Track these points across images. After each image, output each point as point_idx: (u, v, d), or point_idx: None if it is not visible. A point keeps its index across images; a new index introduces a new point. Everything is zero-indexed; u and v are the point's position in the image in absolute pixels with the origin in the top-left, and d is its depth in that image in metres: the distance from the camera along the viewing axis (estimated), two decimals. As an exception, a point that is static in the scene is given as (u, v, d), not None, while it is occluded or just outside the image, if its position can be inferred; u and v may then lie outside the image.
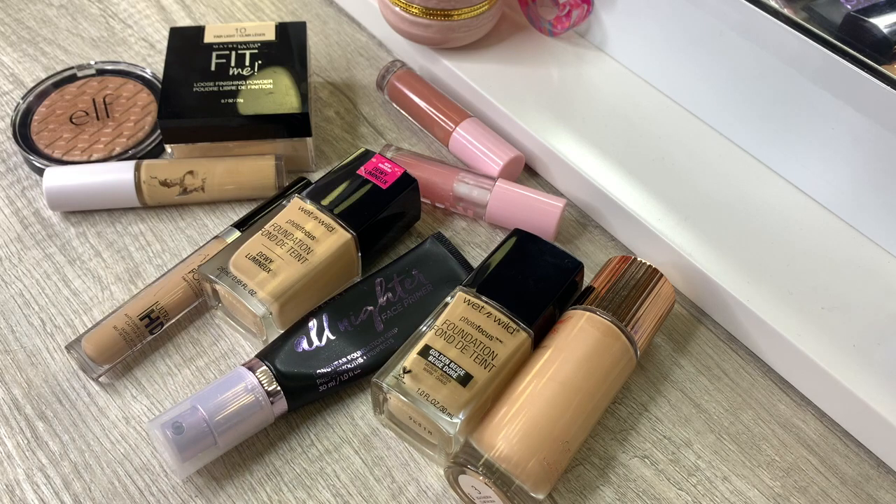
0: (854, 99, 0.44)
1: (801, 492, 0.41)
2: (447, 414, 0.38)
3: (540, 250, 0.44)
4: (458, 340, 0.40)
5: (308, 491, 0.41)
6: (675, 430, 0.43)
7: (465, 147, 0.53)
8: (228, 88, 0.51)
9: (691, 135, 0.54)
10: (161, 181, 0.49)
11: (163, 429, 0.38)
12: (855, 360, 0.43)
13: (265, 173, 0.51)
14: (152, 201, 0.50)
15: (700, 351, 0.47)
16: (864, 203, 0.48)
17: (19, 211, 0.51)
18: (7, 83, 0.58)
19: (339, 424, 0.43)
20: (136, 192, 0.50)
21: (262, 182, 0.51)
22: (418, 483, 0.41)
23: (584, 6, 0.57)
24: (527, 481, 0.37)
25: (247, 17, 0.65)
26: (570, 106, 0.55)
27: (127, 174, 0.49)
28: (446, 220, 0.52)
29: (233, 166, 0.51)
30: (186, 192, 0.50)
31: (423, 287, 0.46)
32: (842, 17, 0.47)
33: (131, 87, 0.57)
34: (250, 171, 0.51)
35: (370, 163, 0.48)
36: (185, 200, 0.51)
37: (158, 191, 0.50)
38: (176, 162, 0.51)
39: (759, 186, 0.51)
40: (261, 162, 0.51)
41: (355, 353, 0.43)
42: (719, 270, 0.46)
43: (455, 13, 0.54)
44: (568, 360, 0.40)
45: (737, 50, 0.49)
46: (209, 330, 0.46)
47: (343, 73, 0.61)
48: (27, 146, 0.53)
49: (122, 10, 0.64)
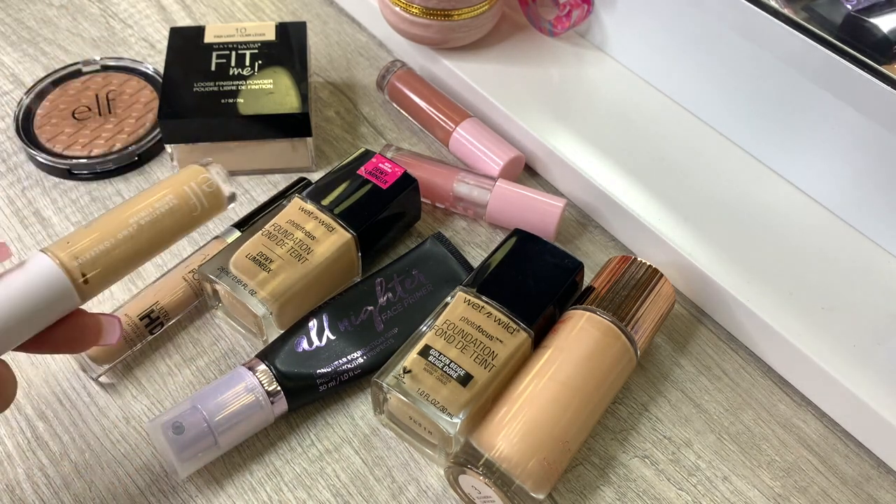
0: (854, 99, 0.44)
1: (801, 492, 0.42)
2: (447, 414, 0.38)
3: (540, 250, 0.44)
4: (459, 340, 0.40)
5: (308, 491, 0.41)
6: (676, 430, 0.43)
7: (465, 147, 0.53)
8: (228, 88, 0.51)
9: (691, 135, 0.54)
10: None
11: (163, 429, 0.38)
12: (855, 360, 0.43)
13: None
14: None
15: (700, 351, 0.47)
16: (865, 203, 0.48)
17: (19, 211, 0.51)
18: (7, 83, 0.58)
19: (339, 424, 0.43)
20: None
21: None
22: (418, 483, 0.41)
23: (585, 6, 0.57)
24: (527, 481, 0.37)
25: (247, 17, 0.65)
26: (570, 106, 0.55)
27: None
28: (446, 220, 0.52)
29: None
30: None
31: (423, 287, 0.46)
32: (842, 17, 0.47)
33: (135, 84, 0.57)
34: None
35: (370, 163, 0.48)
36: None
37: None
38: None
39: (759, 186, 0.51)
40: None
41: (355, 353, 0.43)
42: (719, 270, 0.46)
43: (455, 13, 0.54)
44: (568, 360, 0.40)
45: (737, 50, 0.49)
46: (209, 330, 0.46)
47: (343, 73, 0.61)
48: (30, 141, 0.53)
49: (123, 10, 0.64)
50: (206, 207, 0.38)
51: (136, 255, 0.36)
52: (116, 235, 0.35)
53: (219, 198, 0.39)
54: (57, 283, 0.33)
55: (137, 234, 0.36)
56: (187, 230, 0.38)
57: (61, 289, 0.33)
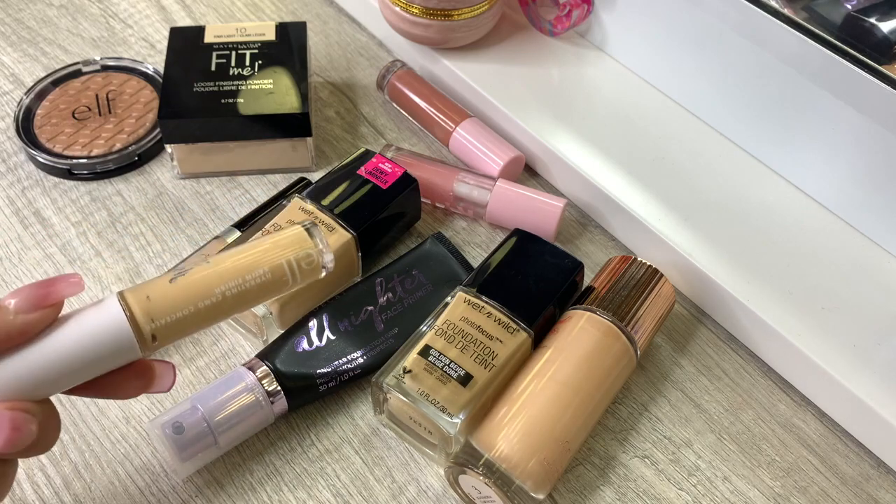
0: (854, 99, 0.44)
1: (801, 492, 0.42)
2: (447, 414, 0.38)
3: (540, 250, 0.44)
4: (459, 340, 0.40)
5: (308, 491, 0.41)
6: (676, 430, 0.43)
7: (466, 147, 0.53)
8: (228, 88, 0.51)
9: (691, 135, 0.54)
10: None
11: (163, 429, 0.38)
12: (855, 360, 0.43)
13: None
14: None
15: (700, 351, 0.47)
16: (865, 203, 0.48)
17: (19, 211, 0.51)
18: (7, 83, 0.58)
19: (339, 424, 0.43)
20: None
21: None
22: (418, 483, 0.41)
23: (585, 6, 0.57)
24: (527, 481, 0.37)
25: (247, 17, 0.65)
26: (570, 106, 0.55)
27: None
28: (446, 220, 0.52)
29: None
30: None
31: (423, 287, 0.46)
32: (842, 17, 0.47)
33: (135, 84, 0.57)
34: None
35: (370, 163, 0.48)
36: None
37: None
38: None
39: (760, 186, 0.51)
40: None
41: (355, 353, 0.43)
42: (719, 270, 0.46)
43: (455, 13, 0.54)
44: (568, 360, 0.40)
45: (737, 50, 0.49)
46: (209, 330, 0.46)
47: (343, 73, 0.61)
48: (30, 141, 0.53)
49: (123, 10, 0.64)
50: (299, 281, 0.36)
51: (212, 320, 0.34)
52: (198, 304, 0.33)
53: (316, 270, 0.36)
54: (124, 339, 0.32)
55: (220, 303, 0.33)
56: (272, 297, 0.36)
57: (127, 345, 0.32)
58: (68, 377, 0.31)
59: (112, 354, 0.32)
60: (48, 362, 0.31)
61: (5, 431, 0.29)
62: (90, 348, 0.31)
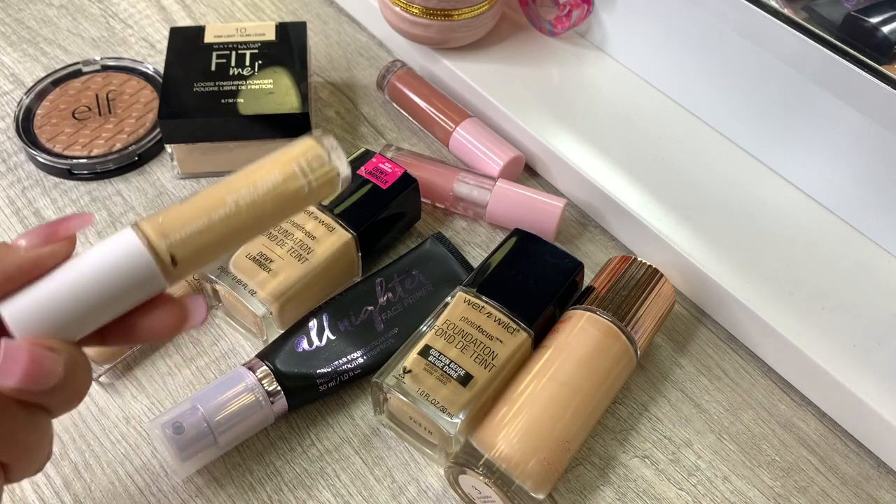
0: (854, 99, 0.44)
1: (801, 492, 0.42)
2: (447, 414, 0.38)
3: (540, 250, 0.45)
4: (459, 340, 0.40)
5: (308, 491, 0.41)
6: (676, 430, 0.43)
7: (466, 147, 0.53)
8: (228, 88, 0.51)
9: (691, 135, 0.54)
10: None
11: (163, 428, 0.38)
12: (855, 360, 0.43)
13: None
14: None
15: (700, 351, 0.47)
16: (865, 203, 0.48)
17: (19, 211, 0.51)
18: (7, 83, 0.58)
19: (339, 424, 0.43)
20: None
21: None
22: (418, 483, 0.41)
23: (585, 6, 0.57)
24: (527, 481, 0.37)
25: (247, 17, 0.65)
26: (570, 106, 0.55)
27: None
28: (446, 220, 0.52)
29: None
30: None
31: (423, 287, 0.46)
32: (842, 17, 0.47)
33: (135, 84, 0.57)
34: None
35: (370, 163, 0.48)
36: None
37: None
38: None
39: (760, 186, 0.51)
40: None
41: (355, 353, 0.43)
42: (719, 270, 0.46)
43: (455, 13, 0.54)
44: (568, 360, 0.40)
45: (737, 50, 0.49)
46: (209, 330, 0.46)
47: (343, 73, 0.61)
48: (30, 141, 0.53)
49: (123, 10, 0.64)
50: (314, 188, 0.33)
51: (232, 236, 0.31)
52: (211, 214, 0.31)
53: (331, 177, 0.33)
54: (141, 262, 0.29)
55: (235, 215, 0.31)
56: (293, 211, 0.33)
57: (146, 269, 0.29)
58: (91, 312, 0.29)
59: (132, 280, 0.29)
60: (67, 293, 0.29)
61: (23, 364, 0.27)
62: (108, 275, 0.29)
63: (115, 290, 0.29)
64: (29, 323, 0.28)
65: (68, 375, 0.28)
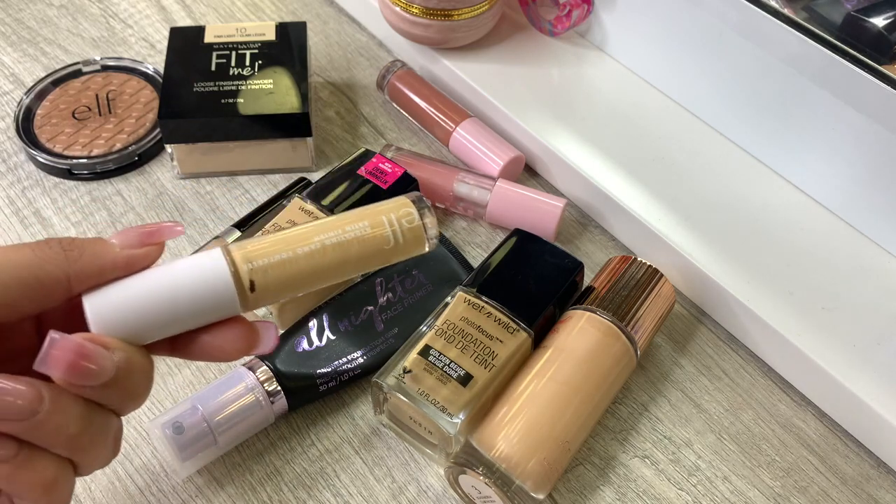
0: (854, 99, 0.44)
1: (801, 492, 0.42)
2: (447, 414, 0.38)
3: (540, 250, 0.44)
4: (459, 340, 0.40)
5: (308, 491, 0.41)
6: (676, 430, 0.43)
7: (466, 147, 0.53)
8: (229, 88, 0.51)
9: (691, 135, 0.54)
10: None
11: (163, 428, 0.38)
12: (855, 360, 0.43)
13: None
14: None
15: (700, 351, 0.47)
16: (865, 203, 0.48)
17: (19, 211, 0.51)
18: (7, 83, 0.58)
19: (339, 424, 0.43)
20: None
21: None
22: (418, 483, 0.41)
23: (585, 6, 0.57)
24: (527, 481, 0.37)
25: (247, 17, 0.65)
26: (570, 106, 0.55)
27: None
28: (446, 220, 0.52)
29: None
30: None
31: (423, 287, 0.46)
32: (842, 17, 0.47)
33: (135, 84, 0.57)
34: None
35: (370, 163, 0.48)
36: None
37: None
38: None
39: (760, 186, 0.51)
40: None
41: (355, 353, 0.43)
42: (719, 270, 0.46)
43: (455, 13, 0.54)
44: (568, 360, 0.40)
45: (737, 50, 0.49)
46: (209, 330, 0.46)
47: (343, 73, 0.61)
48: (30, 141, 0.53)
49: (123, 10, 0.64)
50: (401, 244, 0.34)
51: (313, 274, 0.32)
52: (296, 249, 0.32)
53: (418, 234, 0.34)
54: (221, 281, 0.30)
55: (319, 254, 0.32)
56: (377, 262, 0.34)
57: (224, 289, 0.30)
58: (164, 320, 0.30)
59: (209, 297, 0.30)
60: (146, 298, 0.30)
61: (69, 355, 0.27)
62: (187, 288, 0.30)
63: (190, 304, 0.30)
64: (106, 318, 0.29)
65: (121, 375, 0.29)
